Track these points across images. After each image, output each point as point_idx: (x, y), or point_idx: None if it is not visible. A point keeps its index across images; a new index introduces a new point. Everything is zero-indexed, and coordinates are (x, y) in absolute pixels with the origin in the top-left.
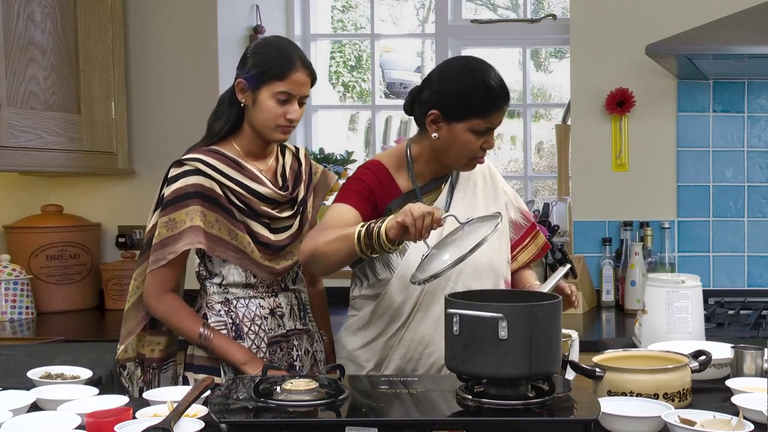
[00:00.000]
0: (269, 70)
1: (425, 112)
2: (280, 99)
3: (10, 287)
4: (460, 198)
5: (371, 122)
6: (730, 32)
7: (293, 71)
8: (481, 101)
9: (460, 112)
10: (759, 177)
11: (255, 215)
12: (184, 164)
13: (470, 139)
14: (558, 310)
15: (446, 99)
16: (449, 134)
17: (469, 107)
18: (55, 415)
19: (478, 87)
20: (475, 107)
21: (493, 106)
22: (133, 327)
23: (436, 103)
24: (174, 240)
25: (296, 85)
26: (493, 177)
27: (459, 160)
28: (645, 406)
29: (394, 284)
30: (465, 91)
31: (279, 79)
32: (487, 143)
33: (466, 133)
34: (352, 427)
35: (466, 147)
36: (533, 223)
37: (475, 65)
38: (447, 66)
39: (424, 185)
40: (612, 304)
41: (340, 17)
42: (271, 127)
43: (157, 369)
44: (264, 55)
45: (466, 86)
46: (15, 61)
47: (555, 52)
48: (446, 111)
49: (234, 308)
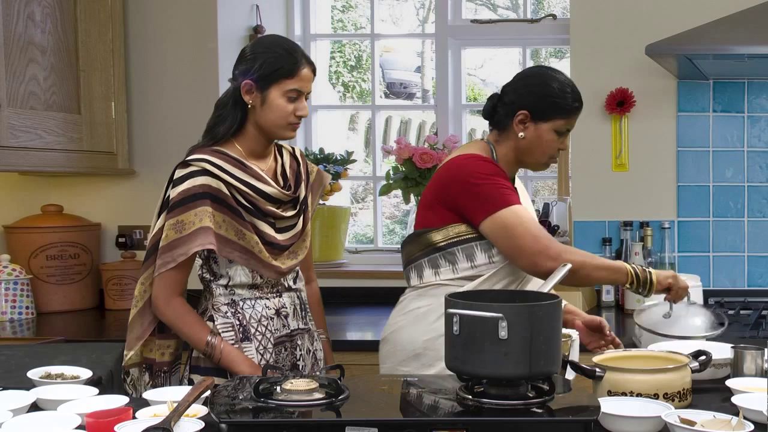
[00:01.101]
0: (280, 68)
1: (513, 113)
2: (291, 97)
3: (10, 287)
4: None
5: (371, 122)
6: (730, 32)
7: (301, 68)
8: (565, 103)
9: (547, 112)
10: (759, 177)
11: (261, 215)
12: (190, 165)
13: (553, 138)
14: (558, 310)
15: (535, 100)
16: (535, 134)
17: (555, 108)
18: (55, 415)
19: (564, 90)
20: (560, 108)
21: (575, 108)
22: (141, 333)
23: (524, 105)
24: (184, 242)
25: (304, 81)
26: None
27: (540, 158)
28: (645, 406)
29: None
30: (552, 93)
31: (289, 77)
32: (563, 144)
33: (550, 133)
34: (352, 427)
35: (549, 146)
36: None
37: (556, 72)
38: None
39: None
40: (612, 304)
41: (340, 17)
42: (282, 125)
43: (168, 372)
44: (270, 54)
45: (553, 89)
46: (15, 61)
47: (555, 52)
48: (534, 111)
49: (241, 309)
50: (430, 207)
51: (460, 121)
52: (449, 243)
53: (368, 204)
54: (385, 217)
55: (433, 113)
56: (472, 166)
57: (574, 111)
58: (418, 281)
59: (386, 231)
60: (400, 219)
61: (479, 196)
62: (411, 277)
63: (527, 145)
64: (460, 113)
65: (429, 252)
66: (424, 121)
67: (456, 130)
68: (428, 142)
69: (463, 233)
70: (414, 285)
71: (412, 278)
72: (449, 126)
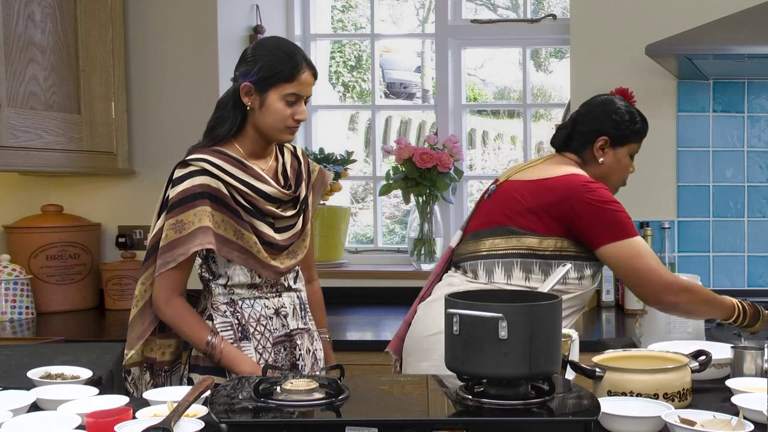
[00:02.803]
0: (279, 72)
1: (593, 140)
2: (289, 101)
3: (10, 287)
4: None
5: (371, 122)
6: (730, 32)
7: (301, 72)
8: (639, 127)
9: (624, 137)
10: (759, 177)
11: (260, 215)
12: (190, 165)
13: (629, 163)
14: (558, 310)
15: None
16: (614, 158)
17: (631, 133)
18: (55, 415)
19: (632, 114)
20: (636, 132)
21: (645, 131)
22: (141, 333)
23: (603, 131)
24: (183, 242)
25: (304, 85)
26: None
27: (617, 182)
28: (645, 406)
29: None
30: (626, 119)
31: (288, 81)
32: (633, 167)
33: (626, 157)
34: (352, 427)
35: (626, 170)
36: None
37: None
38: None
39: None
40: (612, 304)
41: (340, 17)
42: (280, 128)
43: (168, 372)
44: (270, 57)
45: (624, 115)
46: (15, 61)
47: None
48: (613, 137)
49: (240, 309)
50: (535, 214)
51: (460, 121)
52: (550, 254)
53: (368, 204)
54: (385, 217)
55: (433, 113)
56: (599, 189)
57: (645, 133)
58: (505, 279)
59: (386, 231)
60: (400, 219)
61: (607, 221)
62: (495, 271)
63: (607, 170)
64: (460, 113)
65: (525, 255)
66: (424, 121)
67: (456, 130)
68: (428, 142)
69: (566, 249)
70: (498, 281)
71: (496, 273)
72: (449, 126)
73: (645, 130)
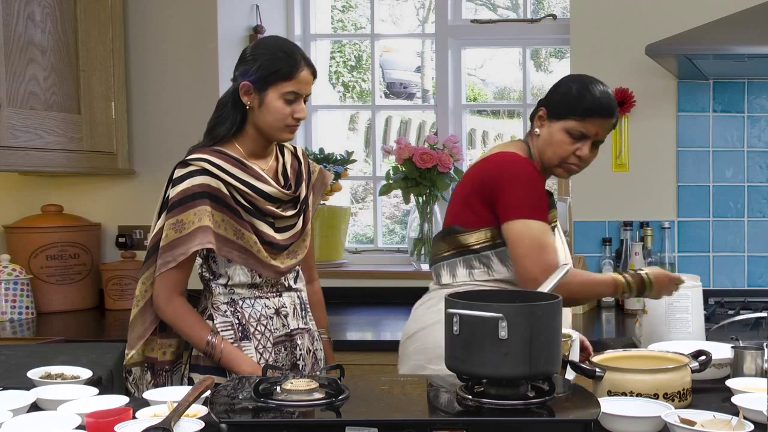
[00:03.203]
0: (277, 70)
1: (536, 110)
2: (288, 99)
3: (10, 287)
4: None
5: (371, 122)
6: (730, 32)
7: (299, 70)
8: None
9: (559, 110)
10: (759, 177)
11: (260, 214)
12: (190, 164)
13: (563, 139)
14: (558, 310)
15: (553, 98)
16: (548, 131)
17: (566, 107)
18: (55, 415)
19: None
20: (572, 108)
21: (589, 112)
22: (142, 332)
23: (544, 102)
24: (183, 241)
25: (303, 84)
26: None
27: (551, 159)
28: (645, 406)
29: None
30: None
31: (287, 80)
32: (581, 151)
33: (561, 133)
34: (352, 427)
35: (559, 147)
36: None
37: (592, 80)
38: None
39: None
40: (612, 304)
41: (340, 17)
42: (280, 127)
43: (169, 371)
44: (269, 56)
45: (572, 90)
46: (15, 61)
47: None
48: (549, 108)
49: (240, 308)
50: (466, 202)
51: (460, 121)
52: (483, 247)
53: (368, 204)
54: (385, 217)
55: (433, 113)
56: (520, 165)
57: (589, 115)
58: (451, 279)
59: (386, 231)
60: (400, 219)
61: (518, 197)
62: (442, 274)
63: (541, 143)
64: (460, 113)
65: (463, 253)
66: (424, 121)
67: (456, 130)
68: (428, 142)
69: (495, 238)
70: (445, 283)
71: (444, 276)
72: (449, 126)
73: (591, 112)
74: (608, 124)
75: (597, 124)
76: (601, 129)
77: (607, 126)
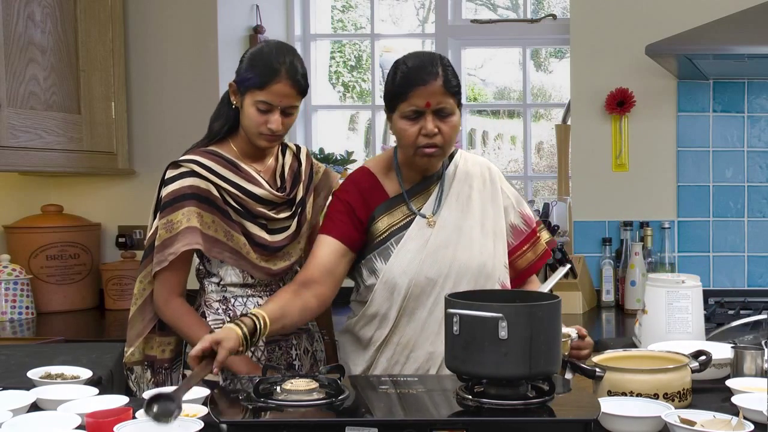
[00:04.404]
0: (250, 78)
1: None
2: (260, 108)
3: (10, 287)
4: (454, 200)
5: (371, 122)
6: (730, 32)
7: (273, 82)
8: (399, 85)
9: (389, 103)
10: (759, 177)
11: (251, 216)
12: (180, 166)
13: (404, 127)
14: (558, 310)
15: (384, 95)
16: (394, 128)
17: (390, 95)
18: (55, 415)
19: (394, 75)
20: (396, 93)
21: (406, 87)
22: (141, 330)
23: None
24: (173, 241)
25: (276, 96)
26: (493, 179)
27: (407, 151)
28: (645, 406)
29: (378, 290)
30: (387, 83)
31: (259, 89)
32: (425, 129)
33: (400, 121)
34: (352, 427)
35: (404, 136)
36: (534, 229)
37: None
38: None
39: (412, 187)
40: (612, 304)
41: (340, 17)
42: (254, 133)
43: (169, 369)
44: (251, 62)
45: (389, 79)
46: (15, 61)
47: (555, 52)
48: (386, 106)
49: (232, 306)
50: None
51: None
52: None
53: None
54: None
55: None
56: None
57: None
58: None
59: None
60: None
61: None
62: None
63: (397, 142)
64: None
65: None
66: None
67: None
68: None
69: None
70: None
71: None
72: None
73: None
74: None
75: (420, 94)
76: (430, 97)
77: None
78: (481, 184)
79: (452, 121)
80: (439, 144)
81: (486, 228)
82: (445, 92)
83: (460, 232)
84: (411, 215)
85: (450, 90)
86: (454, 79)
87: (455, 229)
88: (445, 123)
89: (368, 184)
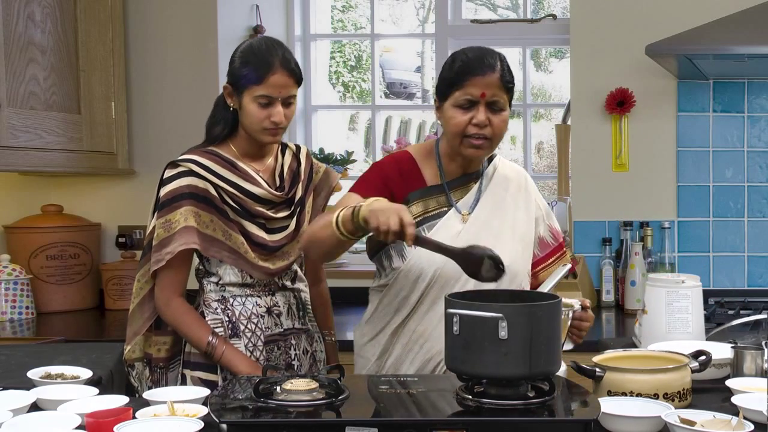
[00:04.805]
0: (246, 75)
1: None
2: (261, 102)
3: (10, 287)
4: (489, 201)
5: (371, 122)
6: (730, 32)
7: (270, 74)
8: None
9: (443, 90)
10: (759, 177)
11: (249, 216)
12: (178, 165)
13: (455, 115)
14: (558, 310)
15: (438, 83)
16: (443, 117)
17: (446, 82)
18: (55, 415)
19: (452, 63)
20: (452, 81)
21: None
22: (139, 327)
23: (436, 90)
24: (170, 241)
25: (275, 87)
26: (528, 188)
27: (454, 140)
28: (645, 406)
29: (403, 273)
30: (444, 71)
31: (256, 84)
32: (476, 118)
33: (451, 109)
34: (352, 427)
35: (454, 123)
36: (561, 243)
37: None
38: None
39: (452, 180)
40: (612, 304)
41: (340, 17)
42: (258, 130)
43: (164, 368)
44: (243, 59)
45: (445, 67)
46: (15, 61)
47: (555, 52)
48: (439, 94)
49: (230, 306)
50: None
51: None
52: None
53: None
54: None
55: (433, 113)
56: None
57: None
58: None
59: None
60: None
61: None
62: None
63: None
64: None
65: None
66: (424, 121)
67: None
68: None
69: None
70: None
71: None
72: None
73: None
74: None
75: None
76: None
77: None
78: (516, 191)
79: (503, 116)
80: (488, 135)
81: (516, 233)
82: (501, 86)
83: (491, 230)
84: (446, 207)
85: (505, 85)
86: (510, 77)
87: (487, 227)
88: (496, 116)
89: (408, 167)
